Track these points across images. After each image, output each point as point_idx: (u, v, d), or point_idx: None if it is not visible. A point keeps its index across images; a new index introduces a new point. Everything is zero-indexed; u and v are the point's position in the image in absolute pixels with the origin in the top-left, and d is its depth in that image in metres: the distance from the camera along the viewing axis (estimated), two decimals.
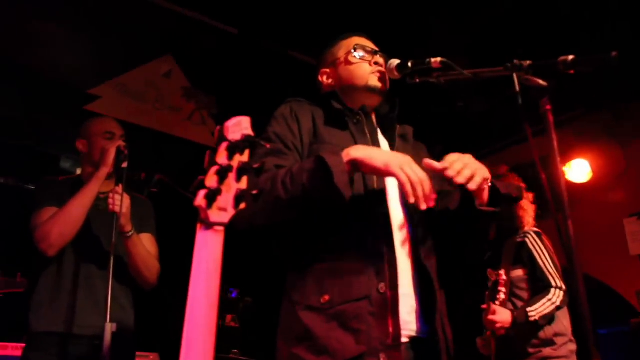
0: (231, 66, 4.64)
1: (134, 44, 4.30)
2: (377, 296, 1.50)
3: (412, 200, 1.45)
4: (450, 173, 1.50)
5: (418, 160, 1.59)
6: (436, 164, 1.53)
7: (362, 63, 1.89)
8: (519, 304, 2.80)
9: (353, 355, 1.45)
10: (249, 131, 1.22)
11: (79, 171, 5.24)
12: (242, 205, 1.20)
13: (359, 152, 1.52)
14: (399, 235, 1.62)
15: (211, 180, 1.15)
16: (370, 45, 1.96)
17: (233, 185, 1.18)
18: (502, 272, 2.67)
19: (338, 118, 1.78)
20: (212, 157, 1.17)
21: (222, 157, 1.17)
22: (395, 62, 1.84)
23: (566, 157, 4.42)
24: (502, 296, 2.65)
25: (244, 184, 1.20)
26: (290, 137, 1.73)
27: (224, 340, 4.61)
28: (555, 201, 1.40)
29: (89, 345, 2.43)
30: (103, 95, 4.17)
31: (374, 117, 1.90)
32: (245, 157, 1.21)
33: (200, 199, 1.14)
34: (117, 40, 4.19)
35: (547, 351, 2.77)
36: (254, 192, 1.21)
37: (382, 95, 1.88)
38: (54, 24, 4.01)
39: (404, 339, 1.53)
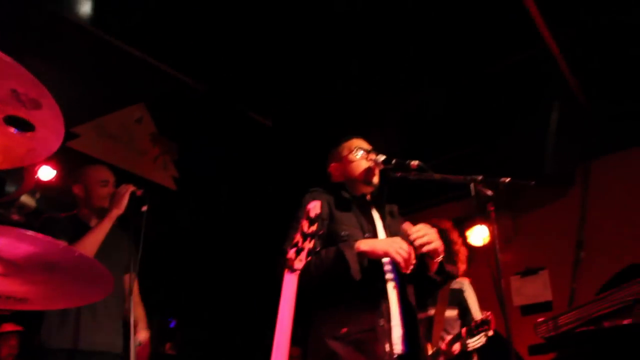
0: (196, 118, 5.22)
1: (112, 90, 4.78)
2: (380, 328, 2.23)
3: (404, 270, 2.23)
4: (412, 238, 2.26)
5: (400, 231, 2.45)
6: (409, 230, 2.29)
7: (361, 161, 2.62)
8: (447, 337, 3.57)
9: None
10: (318, 210, 1.91)
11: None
12: (309, 258, 1.89)
13: (365, 245, 2.28)
14: (390, 285, 2.36)
15: (299, 242, 1.84)
16: (365, 145, 2.69)
17: (307, 245, 1.87)
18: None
19: (345, 203, 2.52)
20: (301, 229, 1.85)
21: (305, 227, 1.86)
22: (381, 157, 2.60)
23: (472, 224, 5.43)
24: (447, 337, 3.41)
25: (312, 244, 1.89)
26: None
27: None
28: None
29: None
30: (82, 134, 4.59)
31: (369, 198, 2.62)
32: (315, 227, 1.90)
33: (292, 253, 1.82)
34: (99, 84, 4.64)
35: None
36: (317, 249, 1.91)
37: (374, 185, 2.62)
38: (44, 61, 4.40)
39: (394, 356, 2.24)
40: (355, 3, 4.12)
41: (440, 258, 2.36)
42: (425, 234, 2.28)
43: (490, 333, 3.48)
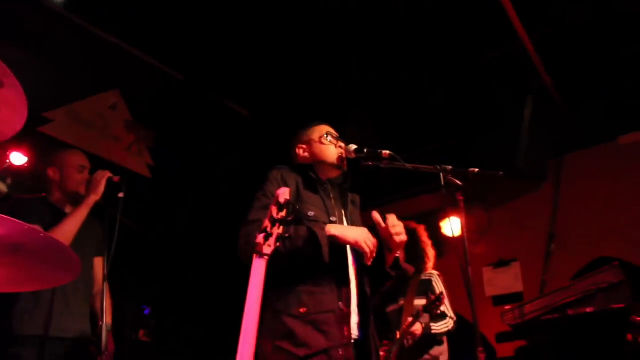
0: (171, 106, 5.18)
1: (87, 76, 4.71)
2: (339, 311, 2.23)
3: (369, 262, 2.26)
4: (392, 231, 2.28)
5: (358, 220, 2.53)
6: (382, 222, 2.31)
7: (331, 145, 2.59)
8: (409, 319, 3.59)
9: (323, 348, 2.16)
10: (288, 197, 1.91)
11: None
12: (279, 244, 1.89)
13: (336, 230, 2.28)
14: (351, 272, 2.36)
15: (267, 227, 1.84)
16: (334, 131, 2.65)
17: (276, 231, 1.87)
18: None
19: (312, 185, 2.49)
20: (270, 214, 1.85)
21: (274, 213, 1.86)
22: (353, 146, 2.58)
23: (445, 215, 5.48)
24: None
25: (281, 230, 1.89)
26: None
27: (138, 353, 4.99)
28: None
29: (66, 346, 2.84)
30: (55, 119, 4.52)
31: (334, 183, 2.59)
32: (284, 213, 1.90)
33: (260, 238, 1.82)
34: (73, 70, 4.57)
35: None
36: (286, 235, 1.91)
37: (342, 170, 2.59)
38: (17, 46, 4.32)
39: (352, 340, 2.25)
40: None
41: (398, 253, 2.38)
42: (399, 224, 2.31)
43: (444, 309, 3.55)
